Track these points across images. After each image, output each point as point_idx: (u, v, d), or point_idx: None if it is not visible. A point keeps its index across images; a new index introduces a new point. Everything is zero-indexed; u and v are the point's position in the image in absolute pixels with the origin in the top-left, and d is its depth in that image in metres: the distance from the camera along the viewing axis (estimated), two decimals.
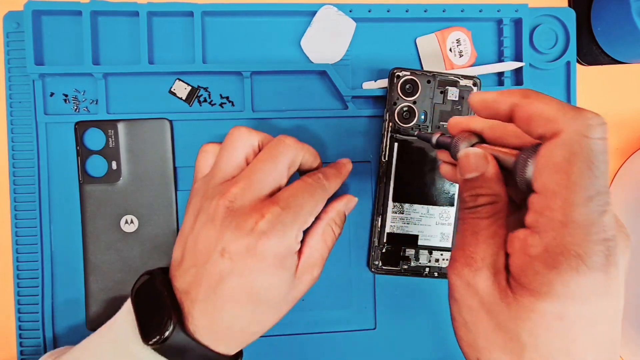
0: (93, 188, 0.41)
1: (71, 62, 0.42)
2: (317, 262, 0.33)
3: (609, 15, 0.44)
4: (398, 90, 0.41)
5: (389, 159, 0.41)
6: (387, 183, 0.41)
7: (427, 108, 0.41)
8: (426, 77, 0.41)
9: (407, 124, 0.41)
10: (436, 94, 0.41)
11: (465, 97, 0.41)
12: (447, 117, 0.40)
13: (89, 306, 0.41)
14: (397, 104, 0.41)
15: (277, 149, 0.33)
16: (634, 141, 0.48)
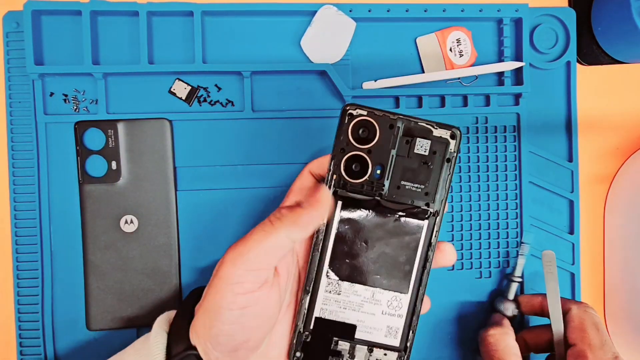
0: (93, 188, 0.41)
1: (71, 62, 0.42)
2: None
3: (609, 15, 0.44)
4: (349, 134, 0.30)
5: (328, 222, 0.31)
6: (323, 252, 0.31)
7: (384, 161, 0.31)
8: (388, 121, 0.30)
9: (356, 178, 0.31)
10: (400, 144, 0.30)
11: (438, 152, 0.30)
12: (412, 176, 0.31)
13: (89, 306, 0.41)
14: (346, 151, 0.30)
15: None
16: (634, 141, 0.48)
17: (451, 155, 0.30)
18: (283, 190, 0.43)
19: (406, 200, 0.31)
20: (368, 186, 0.31)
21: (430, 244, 0.31)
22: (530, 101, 0.45)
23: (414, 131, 0.31)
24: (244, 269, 0.28)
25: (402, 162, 0.31)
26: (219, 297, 0.29)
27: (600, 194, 0.48)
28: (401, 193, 0.31)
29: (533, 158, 0.46)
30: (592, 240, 0.48)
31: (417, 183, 0.31)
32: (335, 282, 0.32)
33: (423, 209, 0.31)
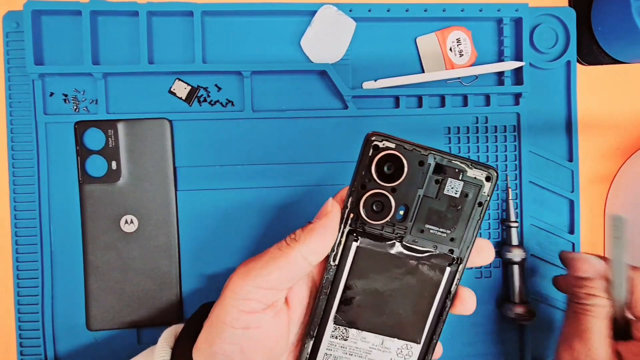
0: (93, 188, 0.41)
1: (71, 62, 0.42)
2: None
3: (610, 14, 0.44)
4: (372, 170, 0.27)
5: (340, 263, 0.28)
6: (332, 296, 0.29)
7: (409, 201, 0.27)
8: (418, 157, 0.27)
9: (376, 219, 0.27)
10: (429, 184, 0.27)
11: (470, 194, 0.27)
12: (438, 220, 0.28)
13: (89, 306, 0.41)
14: (367, 188, 0.27)
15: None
16: (634, 141, 0.48)
17: (484, 199, 0.27)
18: (283, 190, 0.43)
19: (429, 246, 0.28)
20: (388, 228, 0.28)
21: (449, 292, 0.29)
22: (530, 101, 0.45)
23: (446, 170, 0.27)
24: (253, 285, 0.28)
25: (429, 203, 0.27)
26: (223, 312, 0.28)
27: (600, 193, 0.48)
28: (424, 237, 0.28)
29: (533, 158, 0.46)
30: (592, 240, 0.48)
31: (443, 228, 0.28)
32: (342, 328, 0.29)
33: (446, 255, 0.28)
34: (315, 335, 0.29)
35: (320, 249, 0.28)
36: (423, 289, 0.29)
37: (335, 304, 0.29)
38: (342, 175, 0.44)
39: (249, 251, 0.43)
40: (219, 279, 0.43)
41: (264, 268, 0.28)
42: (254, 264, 0.28)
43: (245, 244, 0.43)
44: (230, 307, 0.28)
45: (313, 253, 0.28)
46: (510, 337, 0.45)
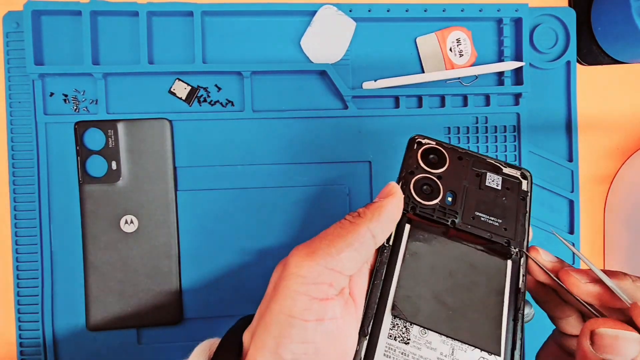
0: (93, 188, 0.41)
1: (71, 62, 0.42)
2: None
3: (610, 15, 0.44)
4: (418, 158, 0.29)
5: (394, 245, 0.27)
6: (388, 282, 0.26)
7: (456, 188, 0.28)
8: (457, 153, 0.29)
9: (427, 200, 0.28)
10: (470, 176, 0.29)
11: (511, 188, 0.29)
12: (487, 208, 0.28)
13: (88, 306, 0.41)
14: (415, 173, 0.28)
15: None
16: (634, 141, 0.48)
17: (525, 195, 0.29)
18: (283, 190, 0.43)
19: (483, 233, 0.27)
20: (439, 212, 0.27)
21: (518, 289, 0.26)
22: (530, 101, 0.45)
23: (483, 166, 0.29)
24: (324, 265, 0.23)
25: (474, 192, 0.28)
26: (289, 302, 0.23)
27: (600, 193, 0.48)
28: (476, 224, 0.27)
29: (533, 158, 0.46)
30: (592, 240, 0.48)
31: (494, 216, 0.28)
32: (402, 324, 0.25)
33: (504, 245, 0.27)
34: (369, 333, 0.24)
35: (388, 225, 0.26)
36: (487, 284, 0.26)
37: (392, 290, 0.25)
38: (343, 175, 0.44)
39: (249, 251, 0.43)
40: (219, 279, 0.43)
41: (332, 246, 0.24)
42: (318, 244, 0.24)
43: (245, 244, 0.43)
44: (298, 295, 0.23)
45: (381, 230, 0.25)
46: None
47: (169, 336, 0.42)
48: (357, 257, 0.24)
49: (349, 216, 0.26)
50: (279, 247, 0.43)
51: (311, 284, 0.23)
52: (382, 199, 0.26)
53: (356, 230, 0.25)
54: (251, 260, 0.43)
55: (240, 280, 0.43)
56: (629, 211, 0.45)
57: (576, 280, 0.26)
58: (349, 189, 0.44)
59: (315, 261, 0.23)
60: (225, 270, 0.43)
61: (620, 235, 0.46)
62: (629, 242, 0.45)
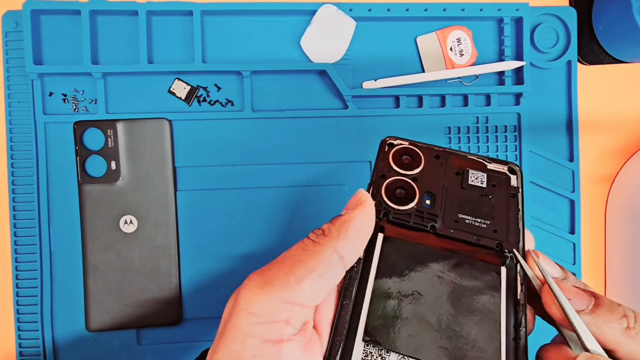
0: (92, 188, 0.41)
1: (70, 62, 0.42)
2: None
3: (610, 14, 0.44)
4: (390, 161, 0.26)
5: (366, 259, 0.23)
6: (359, 302, 0.22)
7: (435, 189, 0.25)
8: (433, 151, 0.26)
9: (402, 205, 0.24)
10: (450, 175, 0.26)
11: (499, 185, 0.25)
12: (472, 209, 0.25)
13: (88, 307, 0.41)
14: (387, 176, 0.25)
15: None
16: (635, 141, 0.48)
17: (515, 191, 0.25)
18: (283, 190, 0.43)
19: (469, 237, 0.24)
20: (417, 217, 0.24)
21: (517, 301, 0.22)
22: (531, 101, 0.45)
23: (465, 164, 0.26)
24: (280, 299, 0.20)
25: (456, 192, 0.25)
26: (237, 347, 0.19)
27: (601, 193, 0.48)
28: (461, 227, 0.24)
29: (534, 158, 0.46)
30: (593, 240, 0.48)
31: (481, 217, 0.24)
32: (376, 353, 0.21)
33: (495, 249, 0.23)
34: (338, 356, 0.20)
35: (358, 242, 0.22)
36: (479, 294, 0.22)
37: (364, 313, 0.21)
38: (343, 175, 0.44)
39: (249, 251, 0.43)
40: (218, 280, 0.43)
41: (291, 274, 0.20)
42: (274, 271, 0.21)
43: (245, 244, 0.43)
44: (248, 337, 0.19)
45: (350, 249, 0.22)
46: None
47: (168, 336, 0.42)
48: (322, 284, 0.21)
49: (312, 234, 0.22)
50: (279, 247, 0.43)
51: (264, 324, 0.19)
52: (350, 211, 0.23)
53: (320, 252, 0.21)
54: (251, 260, 0.43)
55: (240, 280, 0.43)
56: (630, 211, 0.45)
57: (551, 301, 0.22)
58: (349, 189, 0.44)
59: (270, 294, 0.20)
60: (225, 271, 0.43)
61: (622, 236, 0.46)
62: (630, 242, 0.44)
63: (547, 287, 0.22)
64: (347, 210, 0.23)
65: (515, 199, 0.25)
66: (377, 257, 0.23)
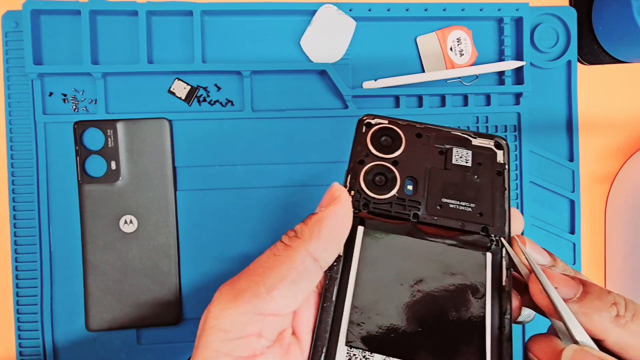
0: (92, 188, 0.41)
1: (70, 62, 0.42)
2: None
3: (610, 14, 0.44)
4: (368, 143, 0.24)
5: (346, 256, 0.22)
6: (340, 303, 0.21)
7: (416, 173, 0.24)
8: (414, 129, 0.24)
9: (382, 193, 0.23)
10: (432, 155, 0.24)
11: (484, 163, 0.24)
12: (456, 192, 0.23)
13: (88, 306, 0.41)
14: (366, 162, 0.24)
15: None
16: (635, 141, 0.48)
17: (502, 167, 0.24)
18: (283, 190, 0.43)
19: (454, 223, 0.23)
20: (398, 206, 0.23)
21: (502, 288, 0.21)
22: (531, 100, 0.45)
23: (449, 141, 0.24)
24: (250, 311, 0.19)
25: (440, 175, 0.24)
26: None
27: (601, 193, 0.48)
28: (445, 213, 0.23)
29: (534, 158, 0.46)
30: (593, 240, 0.48)
31: (465, 200, 0.23)
32: (360, 355, 0.20)
33: (480, 234, 0.22)
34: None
35: (333, 243, 0.21)
36: (464, 284, 0.21)
37: (345, 314, 0.20)
38: (343, 175, 0.44)
39: (249, 251, 0.43)
40: (218, 279, 0.43)
41: (262, 284, 0.19)
42: (244, 282, 0.20)
43: (245, 244, 0.43)
44: (219, 356, 0.18)
45: (325, 250, 0.20)
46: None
47: (168, 336, 0.42)
48: (296, 291, 0.19)
49: (285, 237, 0.21)
50: None
51: (234, 340, 0.18)
52: (323, 209, 0.21)
53: (292, 257, 0.20)
54: (251, 260, 0.43)
55: None
56: (630, 211, 0.45)
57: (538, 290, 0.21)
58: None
59: (239, 308, 0.19)
60: (225, 271, 0.43)
61: (622, 235, 0.46)
62: (630, 242, 0.44)
63: (533, 275, 0.21)
64: (321, 208, 0.22)
65: (501, 177, 0.24)
66: (357, 253, 0.22)
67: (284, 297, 0.19)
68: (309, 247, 0.20)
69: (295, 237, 0.21)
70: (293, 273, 0.19)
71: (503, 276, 0.22)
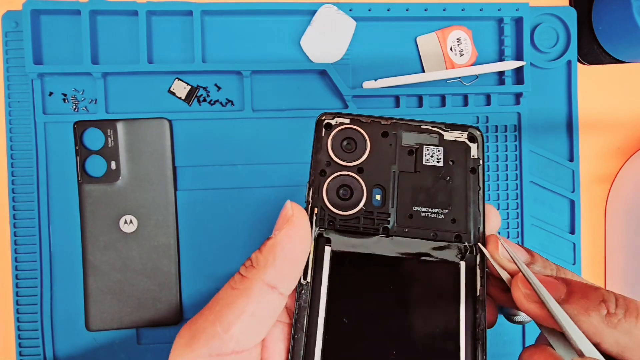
0: (92, 188, 0.41)
1: (70, 62, 0.42)
2: None
3: (610, 14, 0.44)
4: (328, 150, 0.22)
5: (315, 281, 0.21)
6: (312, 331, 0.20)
7: (384, 180, 0.22)
8: (379, 127, 0.22)
9: (346, 209, 0.22)
10: (401, 156, 0.22)
11: (457, 161, 0.22)
12: (427, 198, 0.22)
13: (88, 307, 0.41)
14: (328, 173, 0.22)
15: None
16: (635, 141, 0.48)
17: (476, 164, 0.22)
18: (283, 190, 0.43)
19: (426, 234, 0.21)
20: (366, 220, 0.22)
21: (476, 298, 0.21)
22: (531, 100, 0.45)
23: (418, 138, 0.22)
24: (208, 354, 0.18)
25: (409, 179, 0.22)
26: None
27: (601, 193, 0.48)
28: (416, 224, 0.22)
29: (534, 158, 0.46)
30: (593, 240, 0.48)
31: (437, 207, 0.22)
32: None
33: (453, 242, 0.21)
34: None
35: (290, 268, 0.20)
36: (438, 298, 0.20)
37: (318, 345, 0.20)
38: None
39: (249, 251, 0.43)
40: (218, 279, 0.43)
41: (218, 322, 0.18)
42: (201, 322, 0.19)
43: (245, 244, 0.43)
44: None
45: (283, 277, 0.19)
46: (512, 339, 0.45)
47: (168, 336, 0.42)
48: (256, 324, 0.19)
49: (242, 267, 0.20)
50: None
51: None
52: (277, 232, 0.20)
53: (248, 288, 0.19)
54: None
55: None
56: (631, 211, 0.45)
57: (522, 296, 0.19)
58: None
59: (194, 351, 0.18)
60: (225, 271, 0.43)
61: (622, 235, 0.46)
62: (630, 242, 0.44)
63: (515, 282, 0.19)
64: (275, 231, 0.20)
65: (475, 175, 0.22)
66: (326, 277, 0.21)
67: (244, 333, 0.18)
68: (265, 276, 0.19)
69: (251, 266, 0.20)
70: (251, 306, 0.19)
71: (478, 284, 0.21)
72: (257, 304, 0.19)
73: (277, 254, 0.19)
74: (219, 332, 0.18)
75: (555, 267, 0.21)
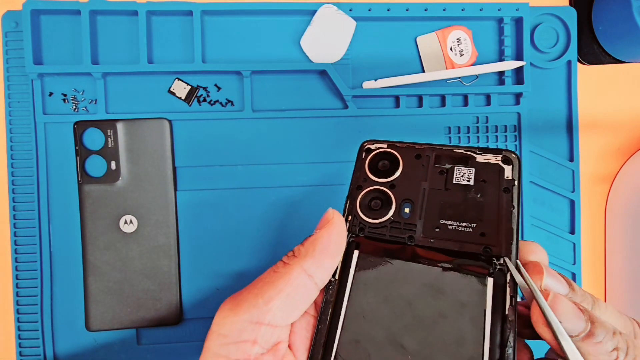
0: (92, 188, 0.41)
1: (70, 62, 0.42)
2: None
3: (610, 14, 0.44)
4: (366, 169, 0.25)
5: (341, 278, 0.23)
6: (333, 327, 0.22)
7: (413, 195, 0.23)
8: (414, 151, 0.24)
9: (378, 217, 0.23)
10: (432, 175, 0.24)
11: (489, 180, 0.23)
12: (455, 213, 0.23)
13: (88, 307, 0.41)
14: (363, 187, 0.24)
15: None
16: (635, 141, 0.48)
17: (509, 184, 0.22)
18: (283, 190, 0.43)
19: (452, 245, 0.22)
20: (394, 230, 0.23)
21: (505, 317, 0.20)
22: (531, 100, 0.45)
23: (450, 160, 0.24)
24: (247, 319, 0.21)
25: (438, 195, 0.23)
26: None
27: (601, 193, 0.48)
28: (443, 235, 0.22)
29: (534, 158, 0.46)
30: (593, 240, 0.48)
31: (466, 221, 0.22)
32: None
33: (481, 255, 0.21)
34: None
35: (327, 261, 0.22)
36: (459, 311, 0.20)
37: (335, 342, 0.21)
38: (342, 175, 0.44)
39: (249, 251, 0.43)
40: (218, 279, 0.43)
41: (260, 295, 0.21)
42: (245, 294, 0.22)
43: (245, 244, 0.43)
44: (217, 357, 0.21)
45: (319, 268, 0.22)
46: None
47: (168, 336, 0.42)
48: (291, 304, 0.21)
49: (285, 257, 0.23)
50: (279, 247, 0.43)
51: (231, 344, 0.21)
52: (318, 230, 0.23)
53: (288, 273, 0.22)
54: (251, 260, 0.43)
55: (240, 280, 0.43)
56: (630, 211, 0.45)
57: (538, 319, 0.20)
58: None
59: (237, 316, 0.21)
60: (225, 271, 0.43)
61: (622, 235, 0.46)
62: (630, 242, 0.44)
63: (535, 303, 0.20)
64: (316, 230, 0.23)
65: (509, 194, 0.22)
66: (351, 277, 0.23)
67: (280, 309, 0.21)
68: (304, 264, 0.22)
69: (292, 256, 0.23)
70: (289, 287, 0.21)
71: (507, 303, 0.20)
72: (294, 287, 0.21)
73: (317, 247, 0.22)
74: (259, 304, 0.21)
75: (592, 301, 0.21)
